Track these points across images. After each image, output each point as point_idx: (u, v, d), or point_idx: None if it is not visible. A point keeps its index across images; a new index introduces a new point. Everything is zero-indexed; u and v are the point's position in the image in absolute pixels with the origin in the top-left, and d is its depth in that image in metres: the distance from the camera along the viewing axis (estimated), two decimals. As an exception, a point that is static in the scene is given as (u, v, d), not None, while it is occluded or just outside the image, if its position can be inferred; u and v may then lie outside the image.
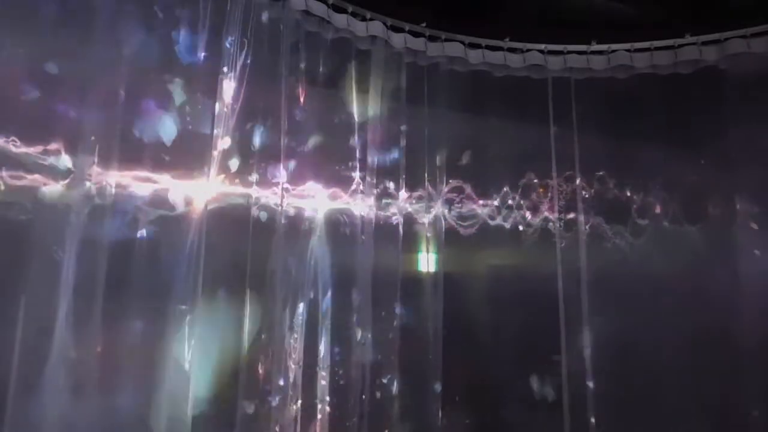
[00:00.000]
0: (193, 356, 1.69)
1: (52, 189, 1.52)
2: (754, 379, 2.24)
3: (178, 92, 1.83)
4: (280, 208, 1.99)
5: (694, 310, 2.37)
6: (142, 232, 1.69)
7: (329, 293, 2.14)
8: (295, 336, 2.02)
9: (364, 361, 2.14)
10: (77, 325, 1.52)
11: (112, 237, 1.61)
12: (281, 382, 1.94)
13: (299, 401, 2.00)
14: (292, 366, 2.00)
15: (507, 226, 2.59)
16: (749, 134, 2.35)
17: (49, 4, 1.59)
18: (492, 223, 2.57)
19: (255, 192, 1.95)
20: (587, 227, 2.56)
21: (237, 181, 1.93)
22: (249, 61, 1.97)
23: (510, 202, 2.60)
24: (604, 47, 2.61)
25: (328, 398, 2.08)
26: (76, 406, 1.51)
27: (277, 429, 1.91)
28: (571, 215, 2.58)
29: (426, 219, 2.43)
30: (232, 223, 1.90)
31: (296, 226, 2.08)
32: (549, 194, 2.60)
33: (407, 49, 2.46)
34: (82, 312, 1.52)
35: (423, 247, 2.42)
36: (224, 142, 1.88)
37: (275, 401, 1.90)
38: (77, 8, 1.63)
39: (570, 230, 2.57)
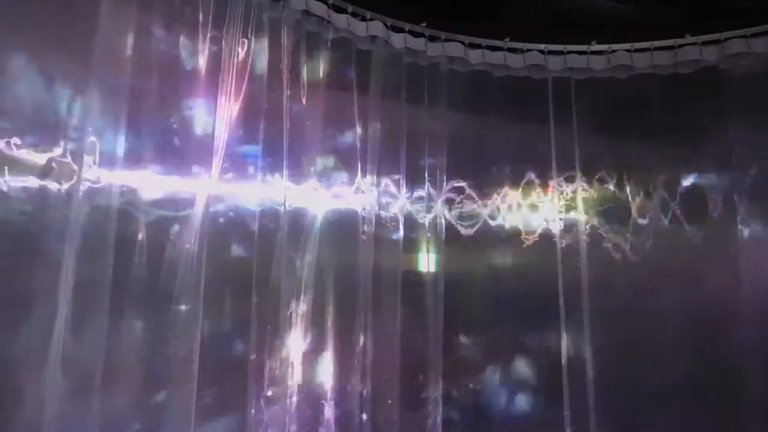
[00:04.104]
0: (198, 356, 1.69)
1: (53, 189, 1.52)
2: (754, 379, 2.25)
3: (179, 92, 1.83)
4: (282, 207, 1.99)
5: (695, 311, 2.37)
6: (143, 233, 1.69)
7: (330, 293, 2.13)
8: (297, 336, 2.02)
9: (365, 361, 2.14)
10: (78, 325, 1.51)
11: (113, 237, 1.60)
12: (284, 382, 1.94)
13: (301, 401, 2.00)
14: (295, 366, 2.00)
15: (507, 226, 2.59)
16: (749, 134, 2.36)
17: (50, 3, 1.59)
18: (492, 223, 2.58)
19: (257, 191, 1.95)
20: (587, 227, 2.56)
21: (238, 181, 1.93)
22: (249, 61, 1.97)
23: (510, 202, 2.60)
24: (604, 47, 2.61)
25: (329, 398, 2.08)
26: (76, 407, 1.51)
27: (279, 429, 1.91)
28: (571, 215, 2.58)
29: (426, 219, 2.43)
30: (234, 223, 1.90)
31: (297, 226, 2.08)
32: (549, 194, 2.61)
33: (407, 49, 2.46)
34: (82, 312, 1.52)
35: (423, 247, 2.42)
36: (225, 142, 1.88)
37: (278, 401, 1.90)
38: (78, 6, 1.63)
39: (570, 230, 2.57)
